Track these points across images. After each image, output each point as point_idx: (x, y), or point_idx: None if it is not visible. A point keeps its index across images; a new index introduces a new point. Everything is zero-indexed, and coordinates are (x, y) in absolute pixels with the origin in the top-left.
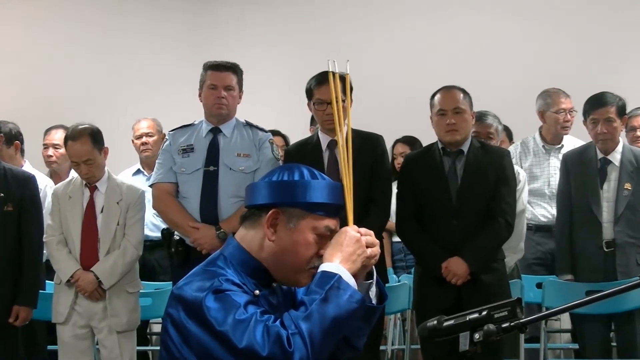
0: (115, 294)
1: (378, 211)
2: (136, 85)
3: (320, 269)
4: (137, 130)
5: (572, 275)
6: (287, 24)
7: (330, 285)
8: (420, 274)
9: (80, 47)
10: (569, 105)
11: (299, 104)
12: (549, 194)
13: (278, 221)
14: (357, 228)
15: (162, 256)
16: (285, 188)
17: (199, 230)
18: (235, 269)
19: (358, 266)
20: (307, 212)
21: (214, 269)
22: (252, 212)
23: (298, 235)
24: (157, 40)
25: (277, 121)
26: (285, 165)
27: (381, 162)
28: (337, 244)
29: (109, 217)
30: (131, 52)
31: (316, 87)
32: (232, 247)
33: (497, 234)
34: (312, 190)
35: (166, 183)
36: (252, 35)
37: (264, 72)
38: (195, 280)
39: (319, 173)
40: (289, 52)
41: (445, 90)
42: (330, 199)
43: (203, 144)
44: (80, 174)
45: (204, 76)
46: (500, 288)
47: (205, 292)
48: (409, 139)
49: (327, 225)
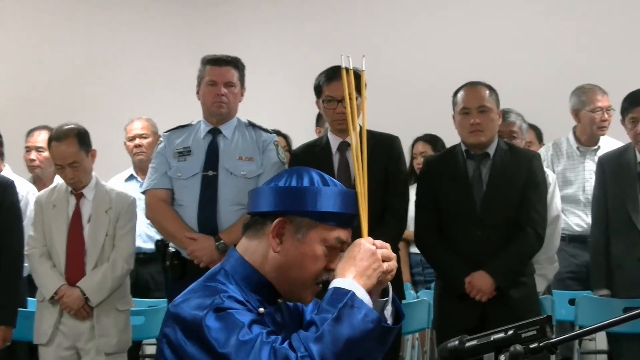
0: (104, 312)
1: (394, 220)
2: (129, 82)
3: (332, 285)
4: (129, 131)
5: (609, 291)
6: (293, 17)
7: (344, 304)
8: (441, 290)
9: (66, 42)
10: (606, 103)
11: (304, 102)
12: (584, 201)
13: (285, 231)
14: (372, 240)
15: (156, 270)
16: (294, 195)
17: (196, 241)
18: (237, 284)
19: (373, 282)
20: (317, 222)
21: (214, 284)
22: (255, 220)
23: (306, 247)
24: (151, 35)
25: (279, 121)
26: (293, 169)
27: (397, 165)
28: (350, 258)
29: (96, 227)
30: (123, 48)
31: (326, 84)
32: (234, 260)
33: (526, 246)
34: (323, 198)
35: (160, 189)
36: (254, 29)
37: (266, 68)
38: (193, 297)
39: (330, 179)
40: (293, 47)
41: (469, 86)
42: (342, 207)
43: (201, 146)
44: (65, 179)
45: (202, 71)
46: (529, 305)
47: (205, 311)
48: (431, 138)
49: (339, 237)
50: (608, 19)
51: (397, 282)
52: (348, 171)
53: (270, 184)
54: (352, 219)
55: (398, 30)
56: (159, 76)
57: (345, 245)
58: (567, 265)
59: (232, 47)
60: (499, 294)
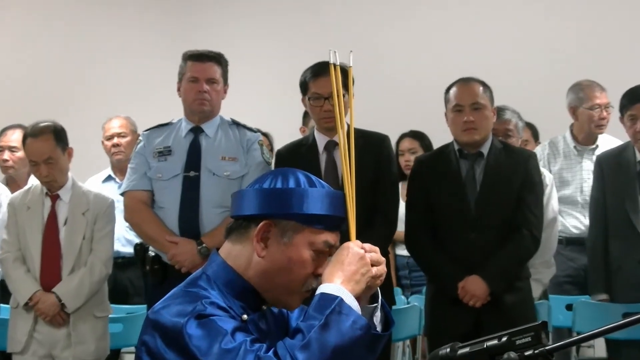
0: (81, 319)
1: (383, 223)
2: (106, 79)
3: (319, 291)
4: (107, 130)
5: (607, 295)
6: (278, 10)
7: (331, 310)
8: (432, 295)
9: (41, 39)
10: (604, 100)
11: (290, 100)
12: (582, 202)
13: (270, 235)
14: (361, 243)
15: (136, 275)
16: (279, 197)
17: (177, 245)
18: (220, 290)
19: (362, 287)
20: (304, 225)
21: (195, 290)
22: (239, 224)
23: (292, 251)
24: (130, 30)
25: (264, 119)
26: (278, 170)
27: (387, 166)
28: (338, 262)
29: (73, 230)
30: (100, 43)
31: (312, 80)
32: (216, 264)
33: (522, 249)
34: (309, 200)
35: (140, 191)
36: (237, 22)
37: (251, 64)
38: (174, 304)
39: (317, 180)
40: (279, 42)
41: (462, 82)
42: (330, 210)
43: (182, 145)
44: (39, 178)
45: (183, 67)
46: (524, 311)
47: (186, 317)
48: (418, 134)
49: (326, 240)
50: (607, 16)
51: (387, 287)
52: (336, 172)
53: (254, 185)
54: (340, 221)
55: (388, 25)
56: (138, 72)
57: (333, 249)
58: (564, 269)
59: (215, 42)
60: (493, 299)
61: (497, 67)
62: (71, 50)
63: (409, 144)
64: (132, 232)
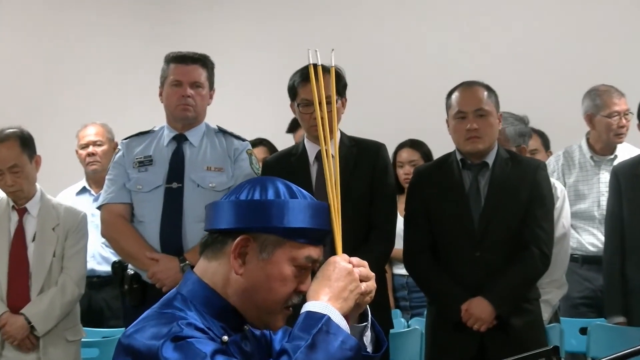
0: (52, 343)
1: (380, 239)
2: (81, 83)
3: (305, 309)
4: (82, 138)
5: (625, 318)
6: (268, 11)
7: (318, 329)
8: (434, 318)
9: (10, 40)
10: (623, 107)
11: (282, 106)
12: (599, 217)
13: (248, 250)
14: (348, 257)
15: (112, 296)
16: (257, 209)
17: (158, 262)
18: (197, 310)
19: (350, 305)
20: (285, 239)
21: (170, 311)
22: (214, 239)
23: (273, 267)
24: (107, 30)
25: (254, 127)
26: (256, 179)
27: (383, 177)
28: (324, 278)
29: (42, 246)
30: (75, 45)
31: (301, 85)
32: (192, 283)
33: (531, 268)
34: (290, 212)
35: (118, 204)
36: (224, 23)
37: (239, 67)
38: (148, 326)
39: (298, 190)
40: (270, 44)
41: (464, 87)
42: (313, 222)
43: (164, 155)
44: (4, 188)
45: (165, 71)
46: (533, 335)
47: (161, 340)
48: (417, 143)
49: (309, 255)
50: (625, 16)
51: (384, 309)
52: None
53: (230, 197)
54: (324, 235)
55: (383, 25)
56: (116, 76)
57: (317, 265)
58: (580, 290)
59: (200, 43)
60: (499, 323)
61: (503, 70)
62: (43, 53)
63: (408, 154)
64: (109, 248)
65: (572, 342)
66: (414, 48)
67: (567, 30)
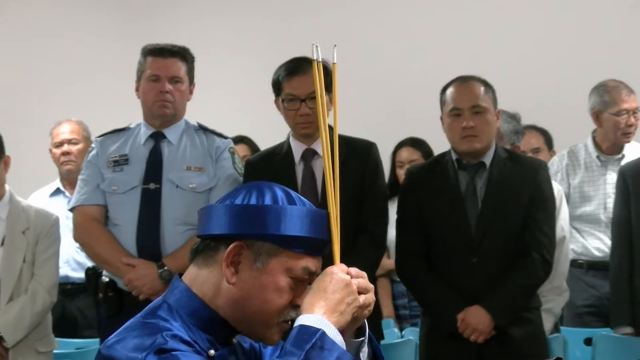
0: (21, 354)
1: (370, 244)
2: (54, 77)
3: (298, 322)
4: (56, 135)
5: (632, 328)
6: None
7: (312, 344)
8: (428, 328)
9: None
10: (633, 105)
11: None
12: (606, 220)
13: (241, 258)
14: (347, 268)
15: (87, 304)
16: (253, 215)
17: (135, 268)
18: (183, 321)
19: (347, 319)
20: (281, 248)
21: (154, 321)
22: (206, 245)
23: (267, 277)
24: (82, 21)
25: (237, 125)
26: (253, 184)
27: (374, 178)
28: (319, 290)
29: (12, 251)
30: (47, 37)
31: (287, 79)
32: (179, 292)
33: (531, 275)
34: (288, 219)
35: (92, 206)
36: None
37: (221, 60)
38: (130, 337)
39: (297, 196)
40: (255, 36)
41: (460, 82)
42: (311, 231)
43: (141, 153)
44: None
45: (142, 64)
46: (534, 346)
47: (144, 353)
48: (418, 141)
49: (306, 267)
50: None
51: (374, 319)
52: (314, 184)
53: (225, 201)
54: (322, 245)
55: (378, 19)
56: (90, 70)
57: (314, 277)
58: (585, 297)
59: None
60: (498, 333)
61: (503, 65)
62: (13, 49)
63: (408, 153)
64: (83, 253)
65: (576, 354)
66: (413, 44)
67: (571, 23)
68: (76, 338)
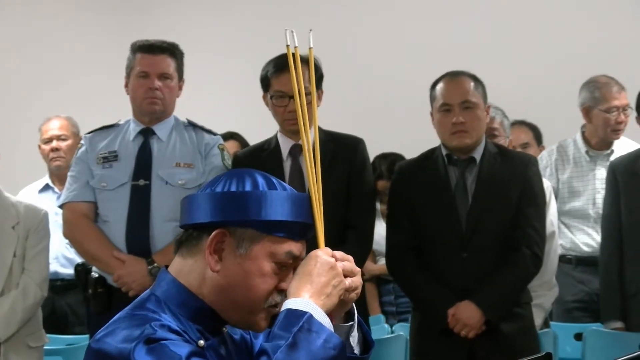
0: (13, 349)
1: (357, 239)
2: (43, 73)
3: (285, 307)
4: (45, 132)
5: (622, 323)
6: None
7: (299, 327)
8: (419, 324)
9: None
10: (623, 102)
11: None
12: (595, 216)
13: (224, 245)
14: (331, 251)
15: (76, 300)
16: (234, 202)
17: (124, 264)
18: (172, 312)
19: (334, 301)
20: (263, 234)
21: (143, 312)
22: (189, 235)
23: (251, 263)
24: (71, 17)
25: (227, 121)
26: (233, 171)
27: (361, 174)
28: (305, 274)
29: (2, 246)
30: (37, 32)
31: (275, 76)
32: (166, 283)
33: (522, 270)
34: (269, 205)
35: (81, 202)
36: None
37: (211, 56)
38: (119, 329)
39: (278, 181)
40: (245, 31)
41: (450, 78)
42: (293, 215)
43: (130, 150)
44: None
45: (131, 61)
46: (525, 341)
47: (134, 343)
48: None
49: (290, 251)
50: (622, 4)
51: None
52: (302, 179)
53: (205, 189)
54: (305, 229)
55: (368, 13)
56: (80, 66)
57: (298, 261)
58: (575, 293)
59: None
60: (488, 329)
61: (491, 60)
62: (5, 45)
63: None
64: (73, 249)
65: (566, 349)
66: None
67: (561, 18)
68: (66, 334)
